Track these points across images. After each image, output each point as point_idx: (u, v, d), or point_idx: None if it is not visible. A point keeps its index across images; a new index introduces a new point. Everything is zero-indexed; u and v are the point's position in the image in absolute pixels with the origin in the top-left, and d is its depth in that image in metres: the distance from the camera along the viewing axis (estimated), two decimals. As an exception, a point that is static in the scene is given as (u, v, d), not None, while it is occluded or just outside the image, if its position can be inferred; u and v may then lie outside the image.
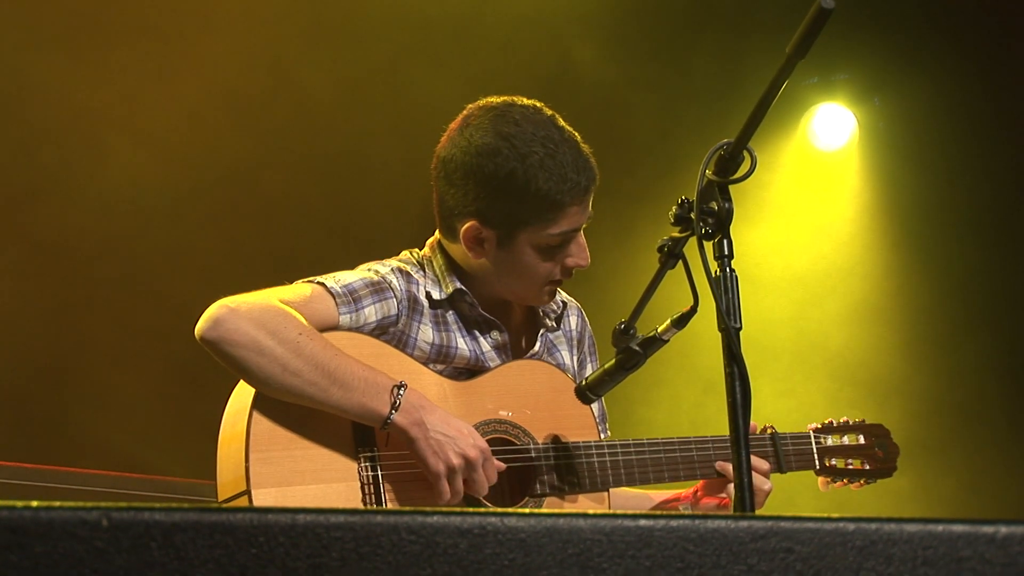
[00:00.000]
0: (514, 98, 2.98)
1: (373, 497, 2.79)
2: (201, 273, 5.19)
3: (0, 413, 4.97)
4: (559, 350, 3.19)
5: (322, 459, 2.78)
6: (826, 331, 6.24)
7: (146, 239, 5.25)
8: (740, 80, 5.72)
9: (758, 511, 2.68)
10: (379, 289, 2.93)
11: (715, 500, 3.16)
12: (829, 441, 3.26)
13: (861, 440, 3.30)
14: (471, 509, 2.58)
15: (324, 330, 2.82)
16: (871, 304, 6.28)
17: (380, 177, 5.56)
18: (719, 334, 2.27)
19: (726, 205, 2.30)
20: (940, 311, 6.21)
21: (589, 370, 3.25)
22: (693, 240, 2.33)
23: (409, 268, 3.02)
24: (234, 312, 2.74)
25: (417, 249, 3.12)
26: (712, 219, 2.30)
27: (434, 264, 3.05)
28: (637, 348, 2.66)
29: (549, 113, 2.97)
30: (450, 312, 3.02)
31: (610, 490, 3.02)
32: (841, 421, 3.31)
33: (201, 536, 1.33)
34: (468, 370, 3.01)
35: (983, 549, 1.53)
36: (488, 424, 2.94)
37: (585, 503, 3.00)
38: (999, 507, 5.92)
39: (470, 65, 5.58)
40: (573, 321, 3.27)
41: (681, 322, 2.58)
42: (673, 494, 3.26)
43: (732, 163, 2.30)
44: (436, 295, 3.01)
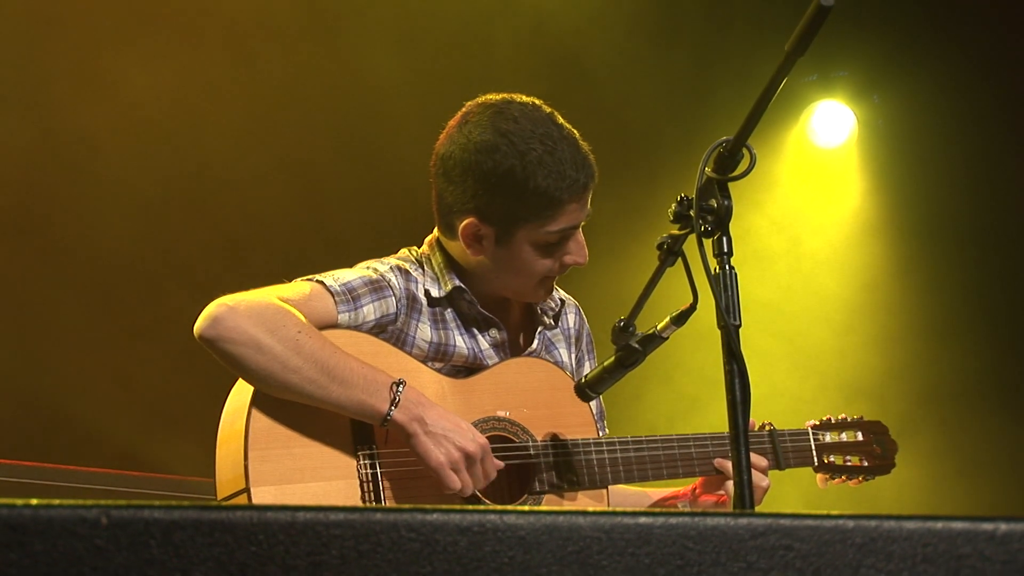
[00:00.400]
0: (513, 95, 2.98)
1: (372, 495, 2.79)
2: (201, 271, 5.19)
3: (-1, 411, 4.97)
4: (557, 348, 3.19)
5: (321, 457, 2.78)
6: (824, 328, 6.25)
7: (146, 237, 5.25)
8: (746, 78, 5.72)
9: (756, 508, 2.68)
10: (378, 287, 2.93)
11: (713, 498, 3.16)
12: (827, 438, 3.26)
13: (859, 437, 3.30)
14: (470, 507, 2.58)
15: (323, 328, 2.82)
16: (869, 301, 6.28)
17: (380, 177, 5.56)
18: (718, 331, 2.27)
19: (725, 203, 2.30)
20: (938, 308, 6.21)
21: (587, 368, 3.25)
22: (692, 238, 2.33)
23: (408, 266, 3.02)
24: (233, 310, 2.74)
25: (416, 247, 3.12)
26: (711, 216, 2.30)
27: (433, 262, 3.05)
28: (636, 345, 2.66)
29: (548, 110, 2.97)
30: (449, 310, 3.02)
31: (608, 488, 3.02)
32: (839, 418, 3.31)
33: (200, 534, 1.32)
34: (467, 368, 3.01)
35: (983, 546, 1.53)
36: (487, 422, 2.94)
37: (584, 501, 3.00)
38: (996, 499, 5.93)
39: (469, 64, 5.58)
40: (571, 319, 3.27)
41: (680, 319, 2.58)
42: (671, 492, 3.25)
43: (731, 160, 2.30)
44: (435, 293, 3.01)
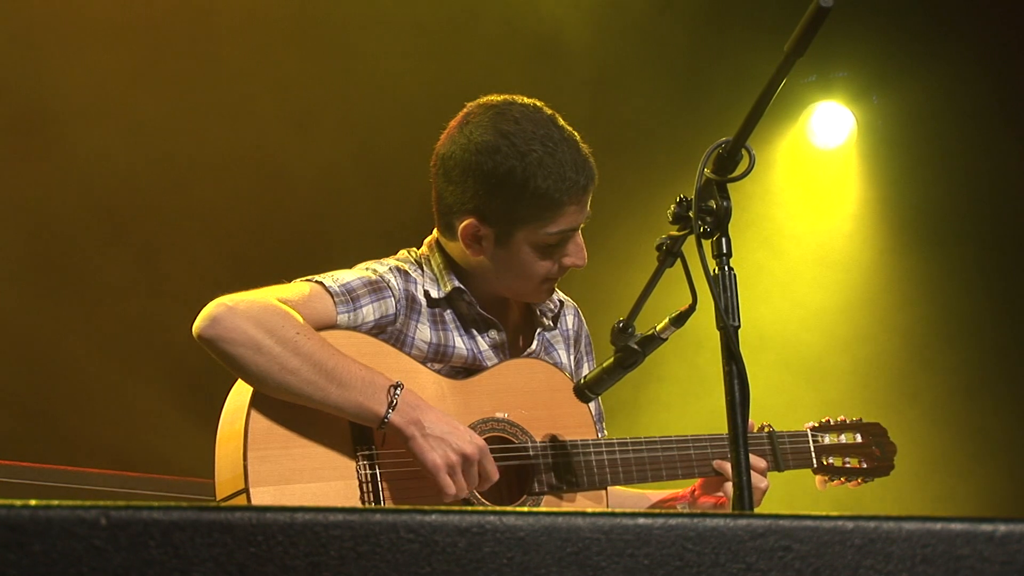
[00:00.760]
0: (514, 96, 2.98)
1: (371, 495, 2.79)
2: (200, 271, 5.19)
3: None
4: (556, 349, 3.19)
5: (320, 457, 2.78)
6: (823, 329, 6.24)
7: (145, 237, 5.25)
8: (745, 78, 5.72)
9: (755, 509, 2.68)
10: (377, 288, 2.93)
11: (712, 499, 3.15)
12: (826, 439, 3.26)
13: (858, 438, 3.30)
14: (469, 508, 2.58)
15: (322, 329, 2.82)
16: (869, 301, 6.28)
17: (379, 176, 5.56)
18: (717, 332, 2.27)
19: (724, 204, 2.30)
20: (938, 308, 6.21)
21: (586, 369, 3.25)
22: (692, 239, 2.33)
23: (407, 267, 3.02)
24: (232, 310, 2.74)
25: (415, 248, 3.12)
26: (710, 217, 2.30)
27: (432, 263, 3.05)
28: (635, 346, 2.66)
29: (549, 112, 2.97)
30: (448, 311, 3.02)
31: (607, 489, 3.02)
32: (838, 420, 3.31)
33: (199, 534, 1.32)
34: (466, 369, 3.01)
35: (981, 547, 1.53)
36: (486, 423, 2.94)
37: (583, 502, 3.00)
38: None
39: (468, 64, 5.58)
40: (570, 320, 3.27)
41: (679, 320, 2.58)
42: (670, 493, 3.25)
43: (730, 161, 2.30)
44: (434, 294, 3.01)
